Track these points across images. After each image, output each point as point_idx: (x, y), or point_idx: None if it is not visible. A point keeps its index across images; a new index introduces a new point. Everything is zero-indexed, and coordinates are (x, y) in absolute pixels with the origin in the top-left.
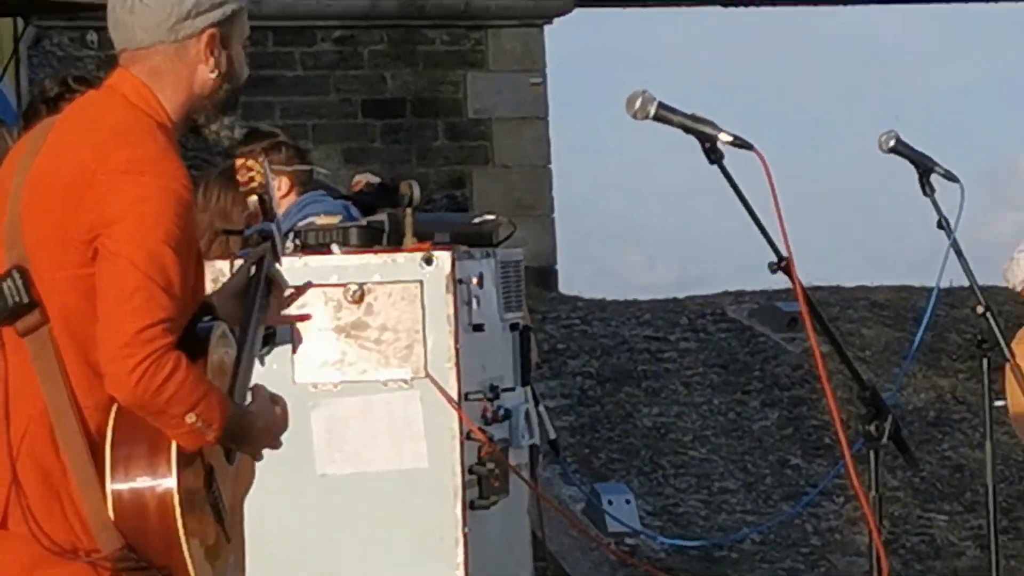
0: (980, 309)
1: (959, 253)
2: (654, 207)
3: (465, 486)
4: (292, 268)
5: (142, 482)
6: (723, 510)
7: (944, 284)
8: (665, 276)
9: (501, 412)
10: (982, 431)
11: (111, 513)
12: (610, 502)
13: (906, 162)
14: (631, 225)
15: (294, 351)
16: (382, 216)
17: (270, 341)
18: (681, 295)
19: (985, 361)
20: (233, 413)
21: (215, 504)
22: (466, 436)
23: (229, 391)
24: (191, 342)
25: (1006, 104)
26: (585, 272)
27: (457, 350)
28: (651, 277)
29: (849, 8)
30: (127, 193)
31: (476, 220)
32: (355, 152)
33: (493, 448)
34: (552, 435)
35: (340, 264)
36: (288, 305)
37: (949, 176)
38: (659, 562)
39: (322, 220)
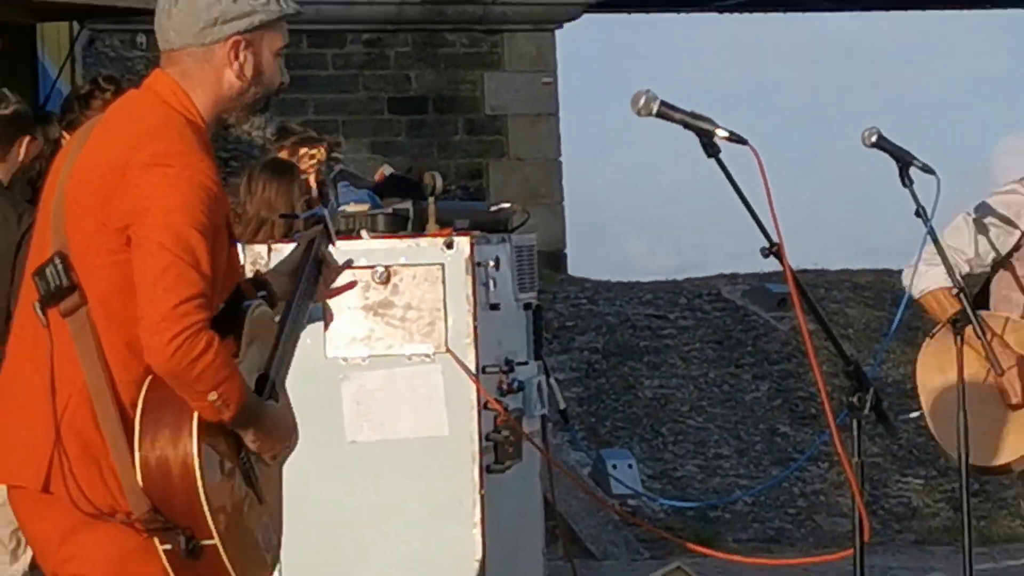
0: (954, 291)
1: (935, 240)
2: (656, 197)
3: (482, 452)
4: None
5: (166, 450)
6: (717, 474)
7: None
8: (665, 260)
9: (515, 384)
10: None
11: (139, 478)
12: (614, 467)
13: (887, 156)
14: (634, 213)
15: (326, 328)
16: (407, 204)
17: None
18: (680, 277)
19: (958, 338)
20: (249, 402)
21: (246, 469)
22: (483, 406)
23: (268, 360)
24: (230, 320)
25: (982, 104)
26: (592, 256)
27: (475, 327)
28: (652, 261)
29: (834, 14)
30: (155, 184)
31: (493, 208)
32: (381, 145)
33: (508, 417)
34: (562, 405)
35: (368, 248)
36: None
37: (926, 169)
38: (659, 522)
39: (352, 208)
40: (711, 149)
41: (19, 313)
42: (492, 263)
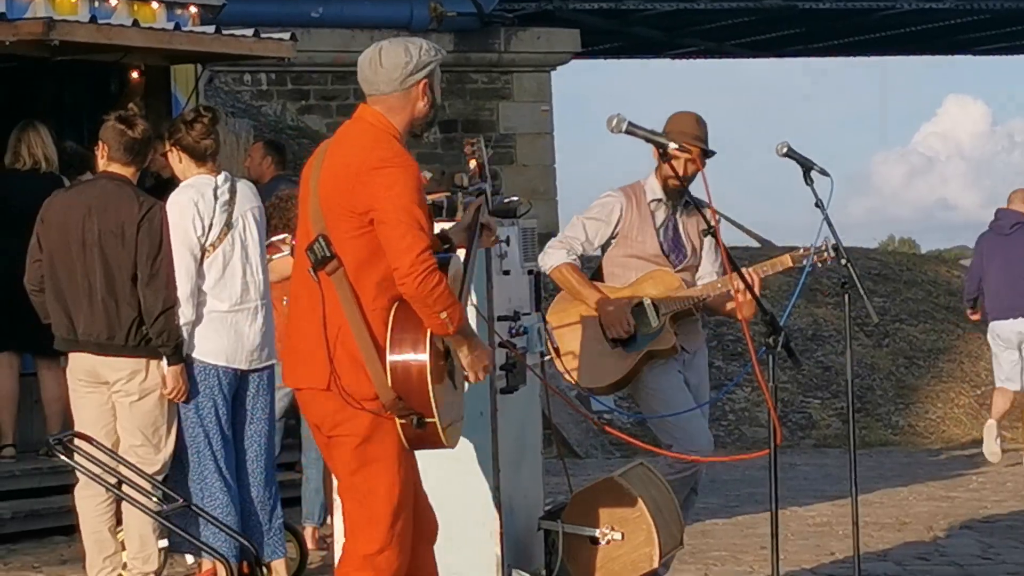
0: (844, 261)
1: (830, 224)
2: None
3: (497, 378)
4: None
5: (407, 358)
6: None
7: (819, 244)
8: None
9: (522, 329)
10: (843, 343)
11: (388, 378)
12: None
13: (794, 163)
14: None
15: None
16: (443, 197)
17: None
18: None
19: (847, 296)
20: (465, 323)
21: (450, 371)
22: (498, 344)
23: (459, 295)
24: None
25: (858, 127)
26: None
27: (491, 287)
28: None
29: (754, 60)
30: (383, 181)
31: (505, 200)
32: (423, 156)
33: (516, 352)
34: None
35: None
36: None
37: (823, 172)
38: (626, 431)
39: None
40: (665, 157)
41: (294, 280)
42: (504, 240)
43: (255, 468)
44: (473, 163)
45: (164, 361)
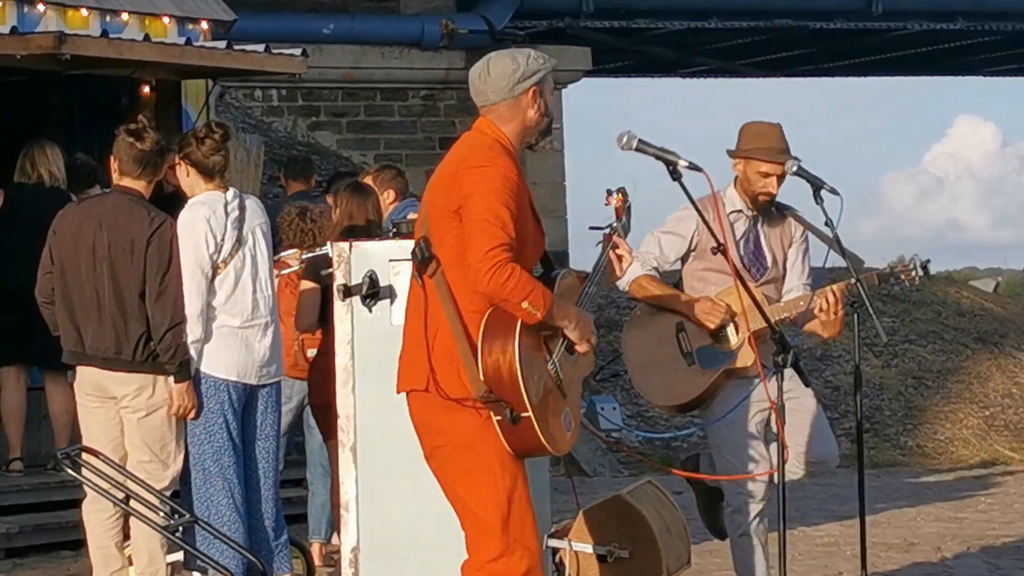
0: (853, 280)
1: (839, 243)
2: (635, 211)
3: None
4: (392, 247)
5: (497, 355)
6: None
7: (828, 264)
8: None
9: None
10: (851, 363)
11: (481, 375)
12: (602, 408)
13: (804, 182)
14: None
15: (392, 303)
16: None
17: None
18: None
19: (856, 316)
20: (555, 304)
21: (555, 372)
22: None
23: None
24: (545, 281)
25: (870, 149)
26: (587, 254)
27: None
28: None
29: (765, 80)
30: (474, 179)
31: None
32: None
33: None
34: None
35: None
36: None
37: (833, 191)
38: (635, 449)
39: (411, 216)
40: (675, 175)
41: (409, 290)
42: None
43: (263, 484)
44: (614, 202)
45: (171, 378)
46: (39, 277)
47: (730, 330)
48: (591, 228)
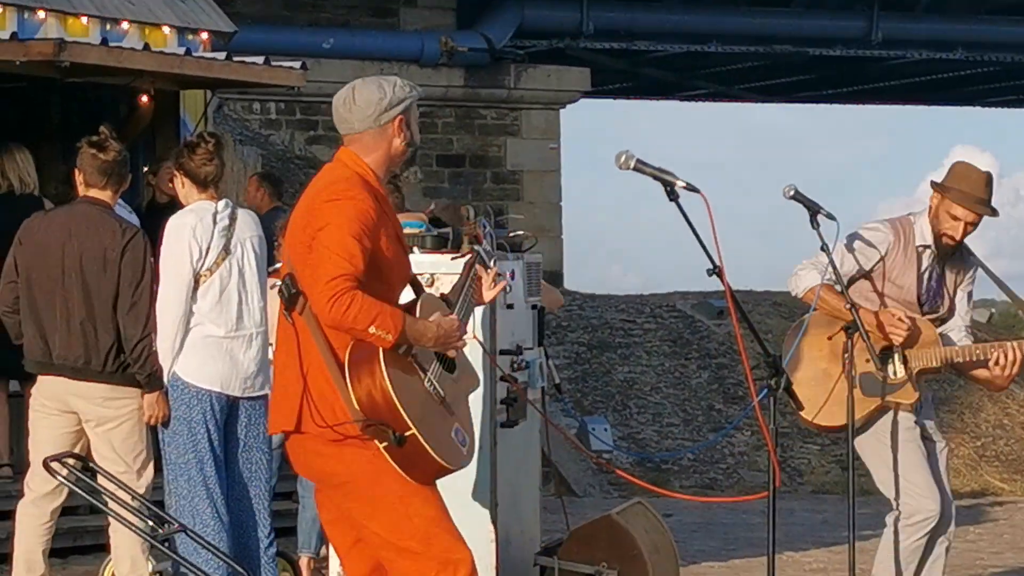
0: (847, 306)
1: (835, 268)
2: (630, 232)
3: (497, 412)
4: None
5: (367, 382)
6: (669, 437)
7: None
8: (635, 280)
9: (523, 363)
10: (845, 387)
11: (356, 404)
12: (594, 429)
13: (801, 206)
14: (614, 244)
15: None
16: (448, 229)
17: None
18: (645, 293)
19: (849, 341)
20: (408, 323)
21: (434, 390)
22: (500, 378)
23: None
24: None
25: (866, 176)
26: (582, 275)
27: (494, 320)
28: (625, 280)
29: (764, 105)
30: (328, 213)
31: (511, 234)
32: (431, 190)
33: (517, 387)
34: (557, 380)
35: (419, 260)
36: (493, 290)
37: (830, 216)
38: (625, 470)
39: (408, 231)
40: (672, 196)
41: (279, 323)
42: (509, 274)
43: (249, 496)
44: (470, 231)
45: (144, 388)
46: (2, 287)
47: (897, 361)
48: (452, 259)
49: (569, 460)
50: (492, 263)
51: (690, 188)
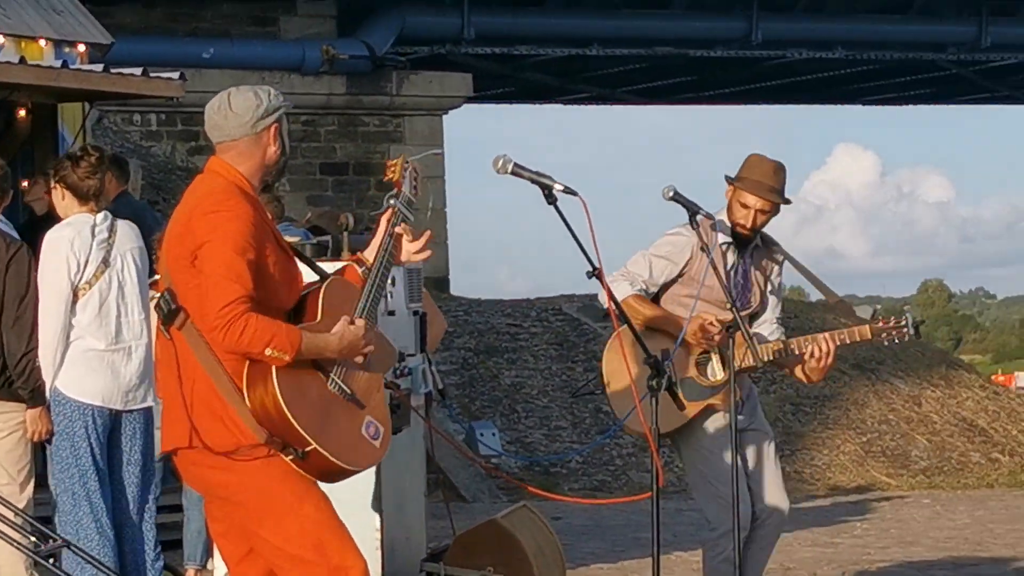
0: (728, 305)
1: (715, 268)
2: (515, 237)
3: None
4: None
5: (262, 396)
6: (557, 440)
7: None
8: (522, 284)
9: (406, 370)
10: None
11: (253, 418)
12: (481, 434)
13: (680, 207)
14: (499, 249)
15: None
16: (328, 237)
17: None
18: (532, 296)
19: (732, 340)
20: (305, 339)
21: (338, 389)
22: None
23: (360, 312)
24: (296, 309)
25: None
26: (468, 280)
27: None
28: (512, 284)
29: (646, 107)
30: (207, 226)
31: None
32: (315, 198)
33: (400, 394)
34: (440, 385)
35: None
36: (413, 250)
37: (709, 216)
38: (514, 474)
39: (288, 239)
40: (550, 199)
41: (157, 339)
42: (390, 281)
43: (133, 509)
44: (393, 175)
45: (27, 403)
46: None
47: (715, 363)
48: (372, 214)
49: (458, 466)
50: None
51: (568, 191)
